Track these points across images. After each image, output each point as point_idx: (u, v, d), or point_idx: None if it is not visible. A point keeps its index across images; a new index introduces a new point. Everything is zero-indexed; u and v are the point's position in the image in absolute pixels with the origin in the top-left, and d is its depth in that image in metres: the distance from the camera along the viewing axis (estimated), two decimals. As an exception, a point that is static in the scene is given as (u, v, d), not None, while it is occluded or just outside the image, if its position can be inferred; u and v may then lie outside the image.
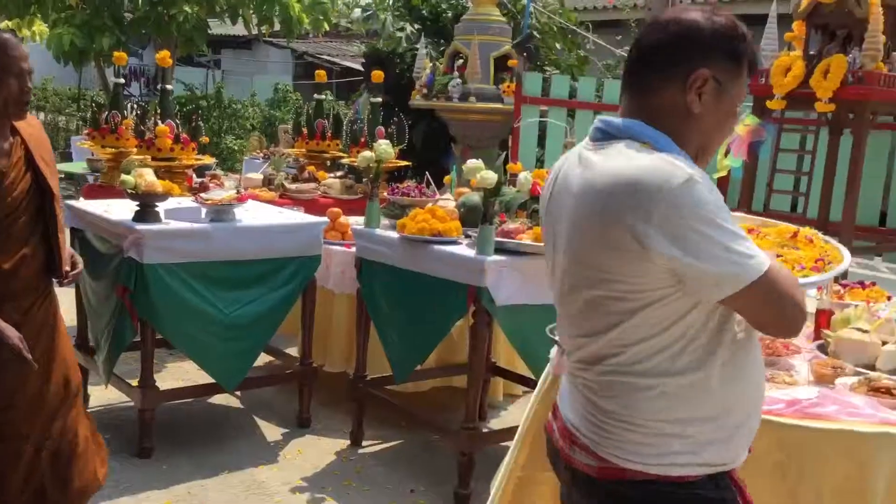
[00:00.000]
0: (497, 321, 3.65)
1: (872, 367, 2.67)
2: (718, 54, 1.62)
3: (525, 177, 3.82)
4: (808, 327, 3.21)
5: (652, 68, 1.64)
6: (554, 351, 2.87)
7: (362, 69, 10.82)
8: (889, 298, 3.25)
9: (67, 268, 2.87)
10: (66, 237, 2.97)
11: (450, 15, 9.19)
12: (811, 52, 5.86)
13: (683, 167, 1.52)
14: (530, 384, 4.47)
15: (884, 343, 2.73)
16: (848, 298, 3.26)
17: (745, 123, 6.02)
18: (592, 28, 9.87)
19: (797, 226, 2.71)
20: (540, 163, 6.81)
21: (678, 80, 1.61)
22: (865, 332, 2.78)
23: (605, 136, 1.65)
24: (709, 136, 1.66)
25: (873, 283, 3.36)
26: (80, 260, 2.99)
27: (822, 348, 2.90)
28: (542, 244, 3.57)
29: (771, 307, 1.57)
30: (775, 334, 1.82)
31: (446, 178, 5.13)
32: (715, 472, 1.65)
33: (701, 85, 1.61)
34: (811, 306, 3.22)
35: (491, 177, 3.46)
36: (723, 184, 7.48)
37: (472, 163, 3.59)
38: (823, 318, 3.09)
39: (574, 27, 9.41)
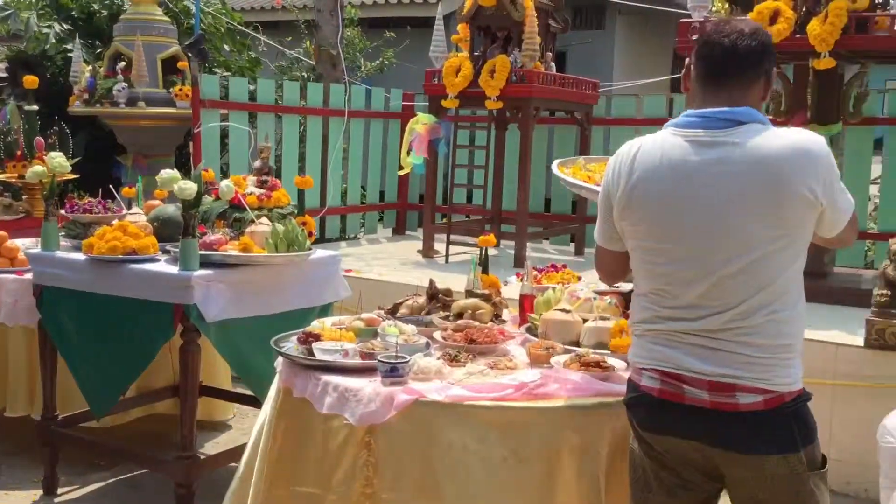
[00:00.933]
0: (209, 339, 3.43)
1: (577, 344, 2.89)
2: (774, 59, 2.11)
3: (227, 185, 3.64)
4: (514, 313, 3.42)
5: (751, 68, 2.06)
6: (280, 362, 2.78)
7: (5, 74, 9.70)
8: (579, 279, 3.55)
9: None
10: None
11: (105, 14, 8.51)
12: (476, 53, 6.26)
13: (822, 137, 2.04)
14: (244, 401, 4.31)
15: (584, 320, 2.97)
16: (546, 282, 3.51)
17: (423, 122, 6.30)
18: (262, 29, 9.71)
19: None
20: (223, 170, 6.55)
21: (763, 77, 2.08)
22: (568, 311, 3.01)
23: (733, 123, 2.01)
24: None
25: (564, 266, 3.65)
26: None
27: (531, 331, 3.09)
28: (249, 254, 3.47)
29: (855, 225, 2.14)
30: (848, 245, 2.29)
31: (126, 190, 4.73)
32: None
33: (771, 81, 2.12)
34: (515, 293, 3.44)
35: (191, 187, 3.25)
36: (404, 181, 7.76)
37: (167, 173, 3.34)
38: (527, 302, 3.29)
39: (242, 28, 9.19)
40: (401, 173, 6.73)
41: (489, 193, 6.68)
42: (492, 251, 6.12)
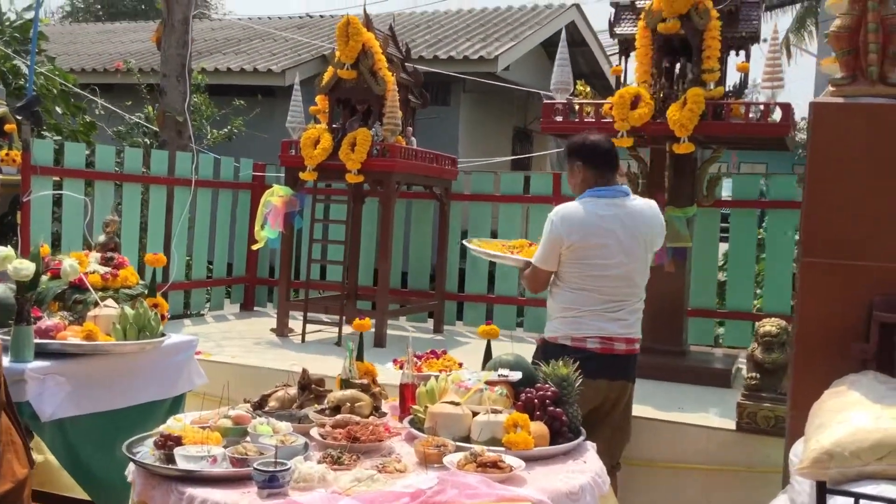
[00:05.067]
0: (42, 440, 2.98)
1: (468, 439, 2.69)
2: None
3: (72, 265, 3.21)
4: (393, 401, 3.18)
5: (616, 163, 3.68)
6: (133, 472, 2.41)
7: None
8: (460, 365, 3.36)
9: None
10: None
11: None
12: (335, 125, 6.07)
13: None
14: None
15: (475, 414, 2.78)
16: (426, 369, 3.30)
17: (279, 194, 6.02)
18: (100, 92, 9.11)
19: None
20: (53, 242, 5.96)
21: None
22: (457, 404, 2.80)
23: (627, 195, 3.54)
24: None
25: (444, 352, 3.46)
26: None
27: (415, 424, 2.86)
28: (94, 343, 3.07)
29: None
30: None
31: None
32: None
33: None
34: (391, 379, 3.21)
35: (28, 267, 2.83)
36: (253, 253, 7.38)
37: (1, 251, 2.91)
38: (409, 392, 3.07)
39: (77, 90, 8.59)
40: (255, 247, 6.38)
41: (346, 268, 6.43)
42: (347, 329, 5.88)
